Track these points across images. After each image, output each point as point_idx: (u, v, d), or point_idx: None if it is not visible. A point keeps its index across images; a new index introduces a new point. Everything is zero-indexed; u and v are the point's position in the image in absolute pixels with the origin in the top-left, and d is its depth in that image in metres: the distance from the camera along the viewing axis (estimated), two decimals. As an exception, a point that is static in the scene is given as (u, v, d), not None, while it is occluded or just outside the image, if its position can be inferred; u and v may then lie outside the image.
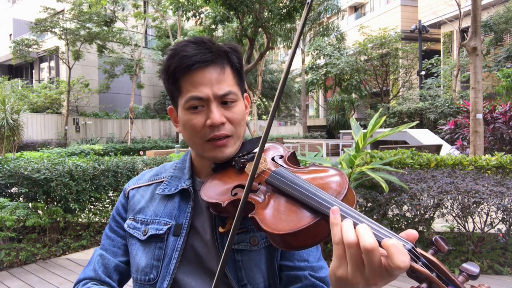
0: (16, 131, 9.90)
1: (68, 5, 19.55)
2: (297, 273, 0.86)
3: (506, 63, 16.60)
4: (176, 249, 0.86)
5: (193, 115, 0.84)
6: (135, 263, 0.89)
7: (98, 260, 0.93)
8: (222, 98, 0.84)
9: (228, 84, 0.85)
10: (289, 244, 0.65)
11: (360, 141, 3.58)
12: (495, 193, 3.55)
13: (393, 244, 0.54)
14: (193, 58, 0.82)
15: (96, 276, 0.91)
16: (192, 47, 0.83)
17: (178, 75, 0.84)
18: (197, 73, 0.82)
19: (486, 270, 3.67)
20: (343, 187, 0.69)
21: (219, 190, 0.82)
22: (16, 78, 25.58)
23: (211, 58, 0.83)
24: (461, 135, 9.93)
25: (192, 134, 0.86)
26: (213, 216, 0.88)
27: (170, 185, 0.94)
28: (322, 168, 0.78)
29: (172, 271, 0.85)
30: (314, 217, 0.64)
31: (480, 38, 6.86)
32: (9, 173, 4.35)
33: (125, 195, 1.00)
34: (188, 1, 12.77)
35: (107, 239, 0.97)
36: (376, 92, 23.97)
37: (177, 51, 0.84)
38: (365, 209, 3.83)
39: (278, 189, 0.73)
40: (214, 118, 0.82)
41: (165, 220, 0.90)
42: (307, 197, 0.67)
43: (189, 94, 0.83)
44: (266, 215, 0.70)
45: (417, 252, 0.57)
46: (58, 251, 4.45)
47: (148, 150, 16.71)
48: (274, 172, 0.77)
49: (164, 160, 5.62)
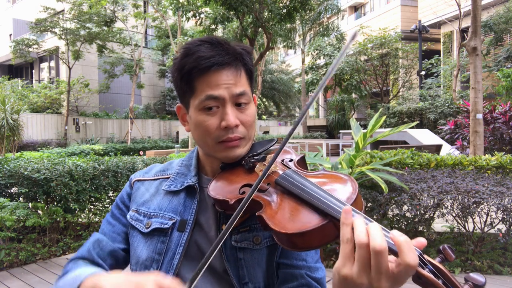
0: (16, 131, 9.90)
1: (68, 5, 19.56)
2: (293, 271, 0.87)
3: (506, 63, 16.61)
4: (180, 245, 0.86)
5: (207, 116, 0.84)
6: (136, 256, 0.89)
7: (94, 241, 0.92)
8: (237, 98, 0.84)
9: (243, 85, 0.86)
10: (295, 244, 0.66)
11: (360, 141, 3.58)
12: (495, 193, 3.55)
13: (405, 240, 0.54)
14: (211, 60, 0.81)
15: (89, 256, 0.90)
16: (208, 48, 0.83)
17: (194, 75, 0.83)
18: (214, 74, 0.82)
19: (486, 270, 3.67)
20: (353, 192, 0.69)
21: (227, 188, 0.82)
22: (16, 78, 25.60)
23: (228, 60, 0.83)
24: (461, 135, 9.93)
25: (205, 135, 0.86)
26: (218, 213, 0.88)
27: (176, 181, 0.95)
28: (332, 173, 0.79)
29: (176, 266, 0.85)
30: (322, 219, 0.64)
31: (480, 38, 6.86)
32: (9, 173, 4.35)
33: (130, 185, 1.00)
34: (188, 2, 12.77)
35: (108, 224, 0.96)
36: (376, 92, 23.97)
37: (191, 50, 0.83)
38: (365, 209, 3.83)
39: (287, 190, 0.74)
40: (229, 120, 0.82)
41: (170, 215, 0.90)
42: (316, 199, 0.67)
43: (204, 94, 0.83)
44: (273, 214, 0.70)
45: (424, 258, 0.57)
46: (58, 251, 4.45)
47: (148, 150, 16.73)
48: (285, 173, 0.77)
49: (164, 160, 5.62)
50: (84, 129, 22.15)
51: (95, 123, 22.78)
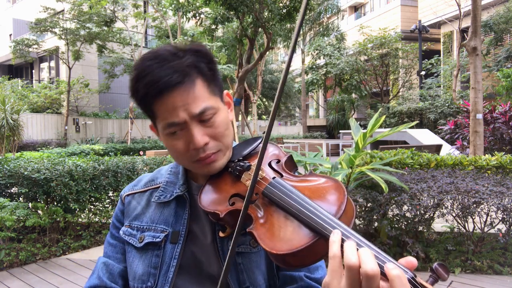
0: (16, 131, 9.91)
1: (68, 5, 19.56)
2: (292, 273, 0.86)
3: (506, 63, 16.61)
4: (174, 257, 0.85)
5: (174, 141, 0.81)
6: (132, 271, 0.88)
7: (102, 267, 0.92)
8: (200, 117, 0.79)
9: (203, 99, 0.79)
10: (288, 262, 0.64)
11: (360, 141, 3.58)
12: (495, 193, 3.55)
13: (398, 275, 0.53)
14: (159, 84, 0.75)
15: (102, 283, 0.90)
16: (157, 68, 0.76)
17: (149, 101, 0.79)
18: (167, 97, 0.77)
19: (486, 270, 3.67)
20: (342, 201, 0.67)
21: (216, 199, 0.81)
22: (16, 78, 25.60)
23: (178, 79, 0.76)
24: (461, 135, 9.93)
25: (178, 157, 0.84)
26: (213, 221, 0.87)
27: (166, 191, 0.93)
28: (319, 178, 0.76)
29: (171, 279, 0.84)
30: (313, 236, 0.63)
31: (480, 38, 6.86)
32: (9, 173, 4.35)
33: (122, 201, 0.99)
34: (188, 2, 12.78)
35: (109, 246, 0.96)
36: (376, 92, 23.97)
37: (141, 73, 0.77)
38: (365, 209, 3.83)
39: (275, 202, 0.72)
40: (196, 142, 0.78)
41: (161, 227, 0.89)
42: (306, 216, 0.65)
43: (164, 122, 0.79)
44: (264, 231, 0.68)
45: (417, 282, 0.55)
46: (58, 251, 4.45)
47: (148, 150, 16.70)
48: (271, 184, 0.75)
49: (164, 160, 5.62)
50: (84, 129, 22.14)
51: (95, 123, 22.78)
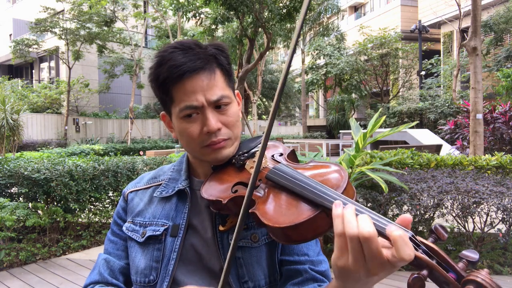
0: (16, 131, 9.91)
1: (68, 5, 19.55)
2: (297, 267, 0.87)
3: (506, 63, 16.60)
4: (174, 250, 0.87)
5: (188, 124, 0.84)
6: (134, 265, 0.90)
7: (102, 263, 0.94)
8: (216, 103, 0.84)
9: (220, 88, 0.84)
10: (290, 237, 0.66)
11: (360, 141, 3.58)
12: (495, 193, 3.55)
13: (399, 235, 0.54)
14: (182, 68, 0.80)
15: (102, 279, 0.92)
16: (180, 54, 0.82)
17: (169, 85, 0.83)
18: (188, 81, 0.82)
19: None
20: (342, 180, 0.70)
21: (219, 188, 0.83)
22: (16, 78, 25.60)
23: (200, 65, 0.82)
24: (461, 135, 9.93)
25: (190, 141, 0.86)
26: (213, 215, 0.88)
27: (168, 187, 0.95)
28: (322, 163, 0.79)
29: (171, 272, 0.85)
30: (314, 210, 0.65)
31: (480, 38, 6.86)
32: (9, 173, 4.35)
33: (124, 198, 1.01)
34: (188, 2, 12.77)
35: (110, 243, 0.98)
36: (376, 92, 23.97)
37: (164, 59, 0.83)
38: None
39: (278, 184, 0.74)
40: (210, 125, 0.82)
41: (162, 221, 0.91)
42: (307, 191, 0.68)
43: (182, 104, 0.83)
44: (266, 209, 0.70)
45: (417, 240, 0.57)
46: (58, 251, 4.45)
47: (148, 150, 16.71)
48: (274, 168, 0.78)
49: (164, 160, 5.62)
50: (84, 129, 22.13)
51: (95, 123, 22.77)
